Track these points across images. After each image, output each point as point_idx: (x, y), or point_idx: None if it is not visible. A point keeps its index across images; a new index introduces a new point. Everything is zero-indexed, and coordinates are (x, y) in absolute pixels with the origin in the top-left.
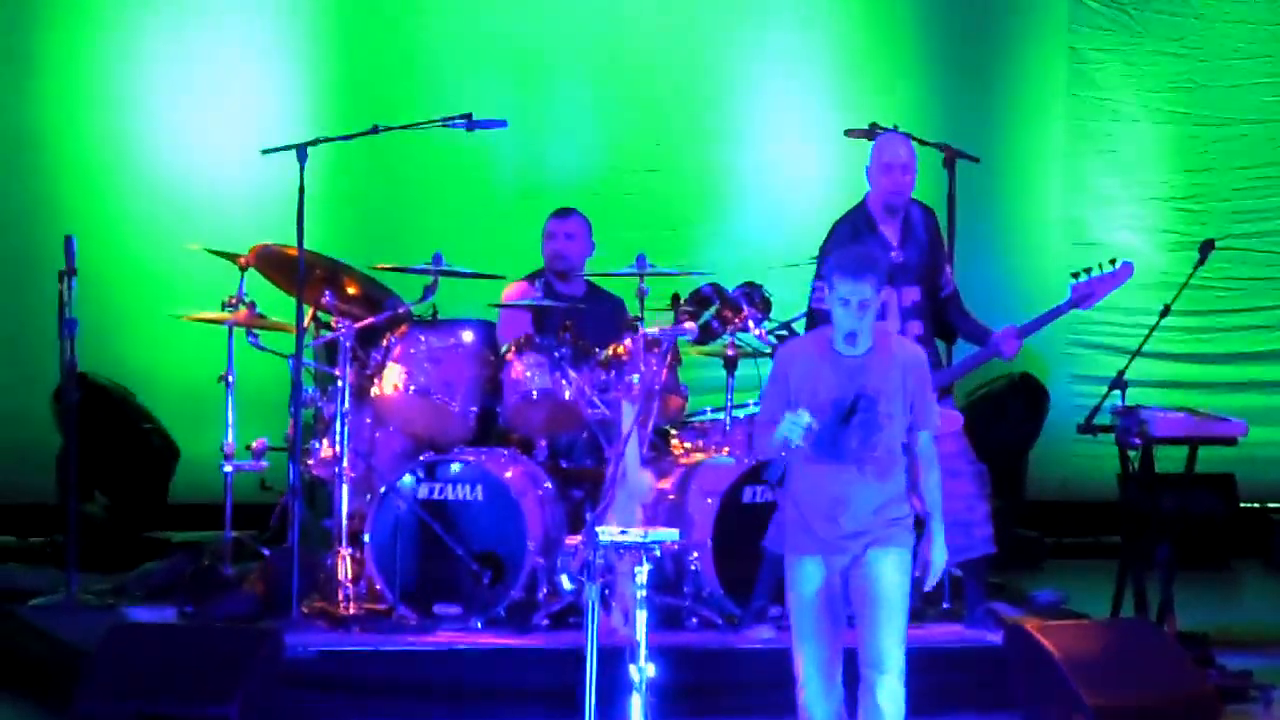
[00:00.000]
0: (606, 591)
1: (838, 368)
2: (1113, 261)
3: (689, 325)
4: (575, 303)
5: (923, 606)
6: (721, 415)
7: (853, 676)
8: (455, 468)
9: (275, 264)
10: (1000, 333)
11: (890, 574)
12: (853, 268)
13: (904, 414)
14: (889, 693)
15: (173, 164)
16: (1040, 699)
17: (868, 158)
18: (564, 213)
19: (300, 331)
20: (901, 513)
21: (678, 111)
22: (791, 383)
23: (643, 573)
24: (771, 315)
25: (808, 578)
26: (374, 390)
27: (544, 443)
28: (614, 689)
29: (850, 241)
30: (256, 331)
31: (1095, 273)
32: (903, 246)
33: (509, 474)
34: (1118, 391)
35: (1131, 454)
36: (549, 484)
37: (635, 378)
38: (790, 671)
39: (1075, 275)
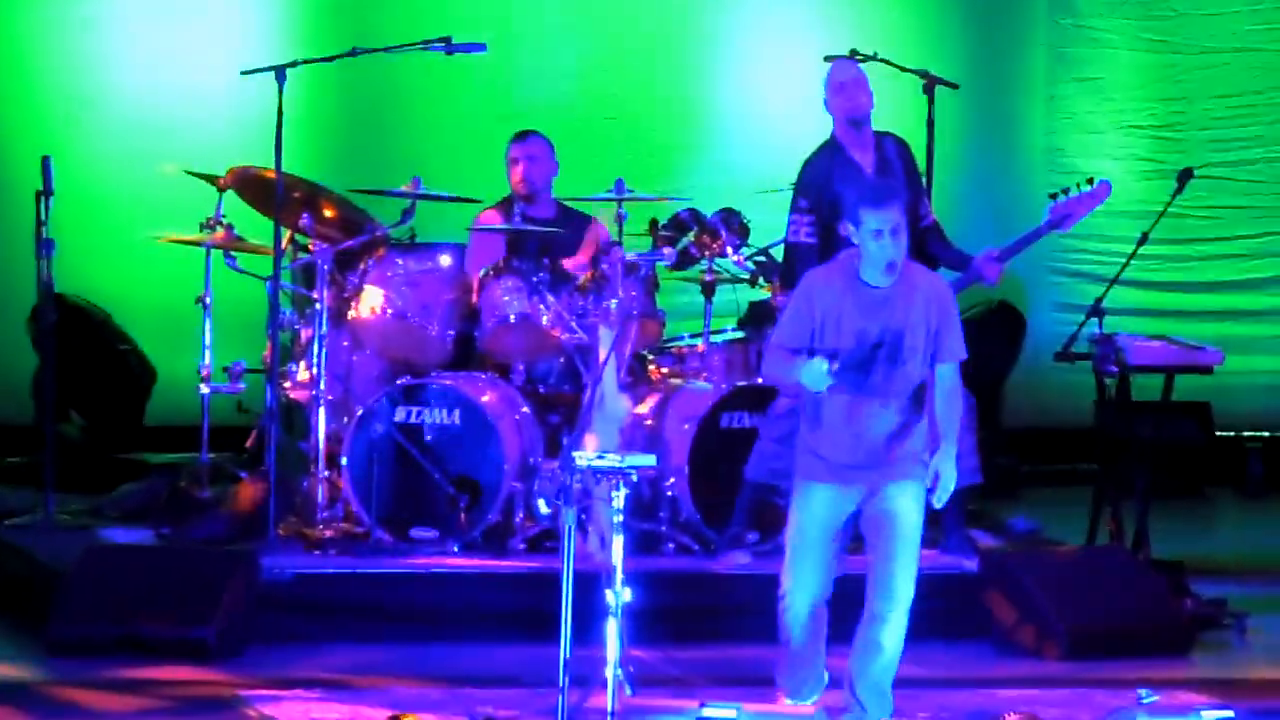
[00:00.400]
0: (583, 516)
1: (863, 299)
2: (1090, 181)
3: (667, 250)
4: (546, 224)
5: None
6: (699, 341)
7: (844, 604)
8: (432, 391)
9: (253, 186)
10: (980, 257)
11: (909, 508)
12: (875, 197)
13: (927, 346)
14: (893, 628)
15: (150, 85)
16: (1015, 625)
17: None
18: (523, 135)
19: (278, 254)
20: (920, 446)
21: (658, 36)
22: (816, 312)
23: (619, 498)
24: (749, 241)
25: (815, 504)
26: (351, 313)
27: (521, 367)
28: (590, 613)
29: (824, 173)
30: (234, 254)
31: (1073, 193)
32: (877, 175)
33: (486, 398)
34: (1095, 319)
35: (1108, 382)
36: (526, 408)
37: (613, 303)
38: (768, 597)
39: (1053, 196)
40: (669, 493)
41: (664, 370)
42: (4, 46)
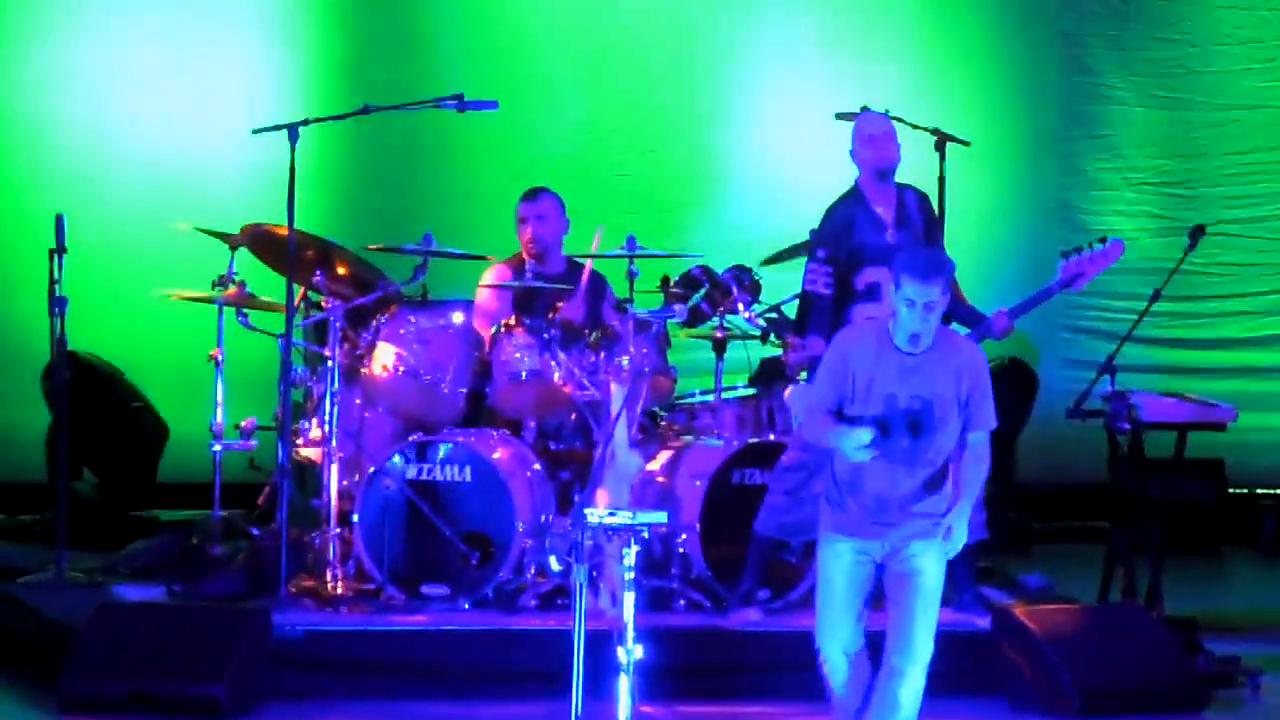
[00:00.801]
0: (594, 573)
1: (896, 365)
2: (1102, 240)
3: (678, 307)
4: (556, 280)
5: None
6: (710, 398)
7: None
8: (444, 448)
9: (265, 244)
10: (992, 316)
11: (930, 567)
12: (921, 269)
13: (958, 416)
14: (912, 686)
15: (163, 143)
16: (1027, 683)
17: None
18: (533, 194)
19: (290, 311)
20: (944, 508)
21: (670, 94)
22: (849, 372)
23: (631, 555)
24: (761, 298)
25: (840, 559)
26: (363, 370)
27: (533, 424)
28: (602, 671)
29: (846, 224)
30: (246, 311)
31: (1085, 251)
32: (897, 227)
33: (498, 455)
34: (1107, 376)
35: (1121, 439)
36: (538, 465)
37: (624, 360)
38: (780, 654)
39: (1065, 254)
40: (680, 549)
41: (675, 427)
42: (17, 104)
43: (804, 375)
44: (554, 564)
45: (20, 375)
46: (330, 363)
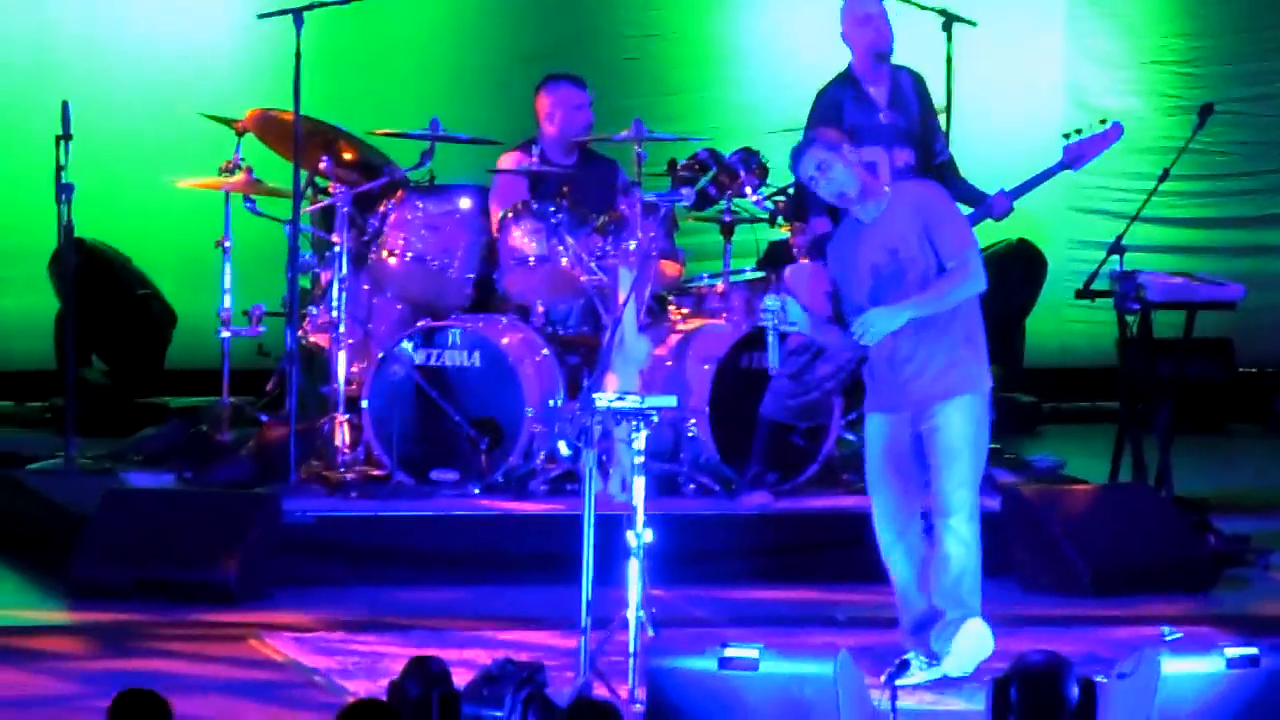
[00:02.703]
0: (604, 458)
1: (863, 237)
2: (1103, 122)
3: (685, 190)
4: (571, 169)
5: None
6: (719, 281)
7: None
8: (453, 334)
9: (272, 129)
10: (993, 197)
11: (954, 420)
12: (792, 162)
13: (926, 253)
14: (955, 536)
15: (168, 29)
16: (1037, 564)
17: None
18: (577, 81)
19: (297, 197)
20: (960, 356)
21: None
22: (837, 270)
23: (640, 439)
24: (768, 181)
25: (874, 432)
26: (371, 256)
27: (541, 309)
28: (612, 555)
29: (837, 106)
30: (253, 197)
31: (1086, 133)
32: (891, 108)
33: (506, 340)
34: (1116, 256)
35: (1130, 319)
36: (546, 350)
37: (632, 243)
38: (789, 537)
39: (1066, 136)
40: (689, 434)
41: (684, 311)
42: None
43: (807, 258)
44: (563, 449)
45: (28, 263)
46: (338, 248)
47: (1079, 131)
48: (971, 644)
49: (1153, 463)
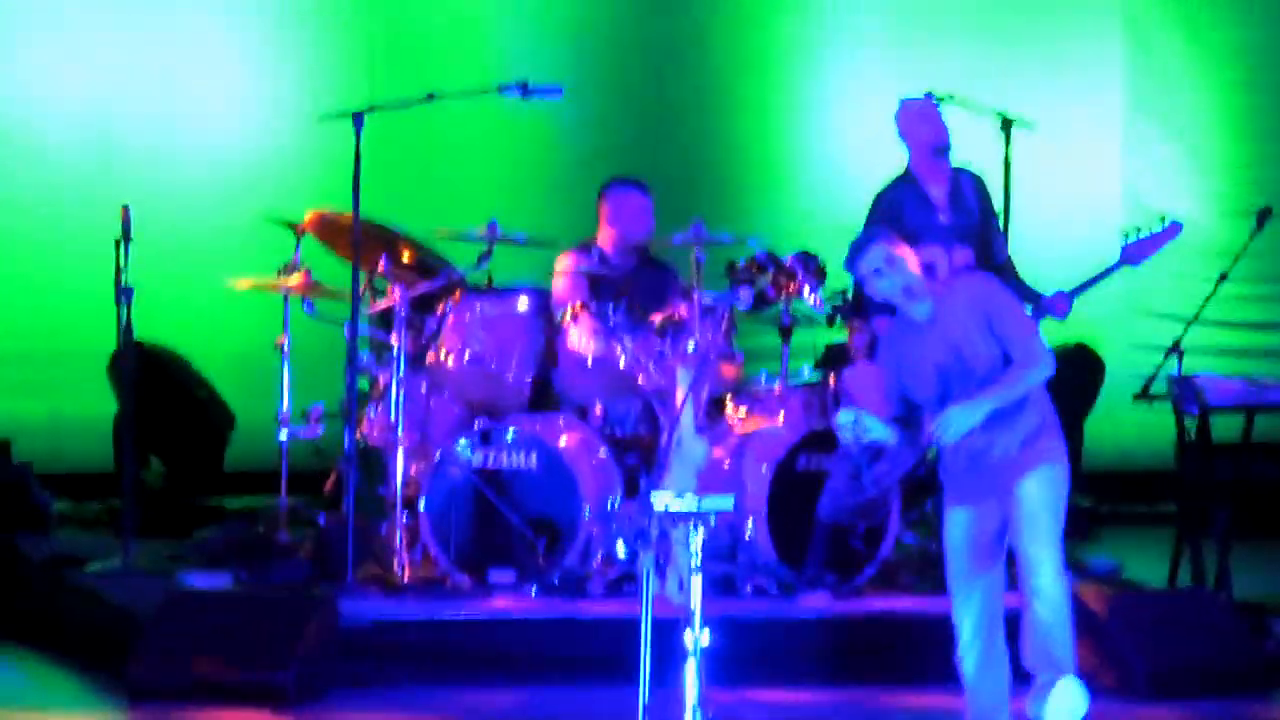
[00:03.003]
0: (661, 559)
1: (921, 337)
2: (1162, 220)
3: (743, 292)
4: (630, 270)
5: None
6: (776, 383)
7: None
8: (510, 435)
9: (331, 231)
10: (1051, 297)
11: (1033, 489)
12: (849, 258)
13: (991, 347)
14: (1041, 594)
15: (228, 132)
16: (1095, 666)
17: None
18: (641, 186)
19: (355, 298)
20: (1036, 436)
21: (735, 79)
22: (894, 370)
23: (697, 540)
24: (826, 282)
25: (955, 526)
26: (429, 357)
27: (599, 410)
28: (669, 657)
29: (896, 205)
30: (312, 299)
31: (1144, 232)
32: (951, 208)
33: (564, 441)
34: (1174, 359)
35: (1188, 422)
36: (603, 451)
37: (690, 345)
38: (845, 640)
39: (1125, 235)
40: (747, 535)
41: (741, 413)
42: (82, 94)
43: (867, 358)
44: (621, 550)
45: (87, 365)
46: (395, 350)
47: (1138, 230)
48: (1066, 703)
49: (1211, 566)
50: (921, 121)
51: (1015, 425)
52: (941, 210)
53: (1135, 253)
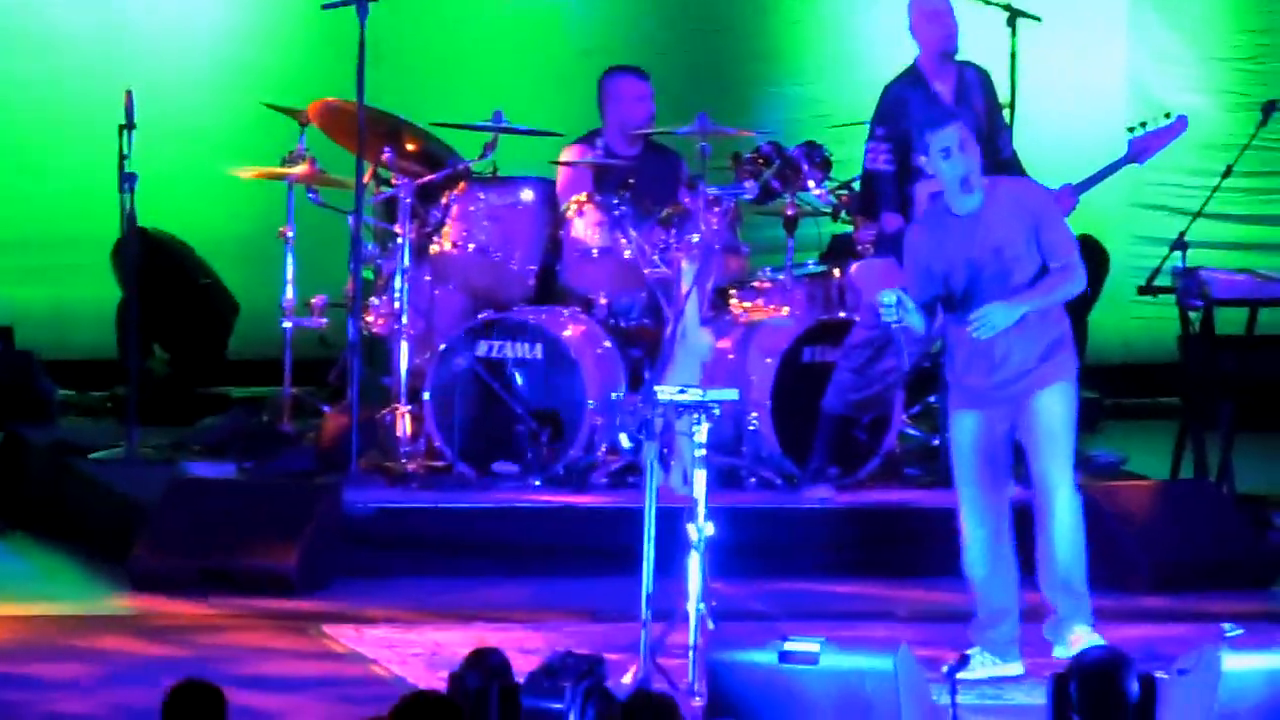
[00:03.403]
0: (665, 450)
1: (959, 230)
2: (1167, 115)
3: (749, 184)
4: (634, 161)
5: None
6: (781, 275)
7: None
8: (514, 325)
9: (335, 120)
10: (1057, 191)
11: (1053, 405)
12: (934, 120)
13: (1032, 254)
14: (1060, 513)
15: (232, 18)
16: (1097, 558)
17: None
18: (639, 73)
19: (360, 188)
20: (1059, 349)
21: None
22: (923, 261)
23: (701, 432)
24: (832, 175)
25: (964, 431)
26: (433, 248)
27: (603, 301)
28: (672, 547)
29: (902, 102)
30: (316, 188)
31: (1150, 127)
32: (957, 104)
33: (568, 332)
34: (1179, 252)
35: (1192, 315)
36: (608, 343)
37: (695, 236)
38: (849, 531)
39: (1131, 130)
40: (751, 427)
41: (746, 304)
42: None
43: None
44: (625, 441)
45: (90, 252)
46: (400, 239)
47: (1143, 125)
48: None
49: (1214, 460)
50: (932, 22)
51: (1038, 335)
52: (948, 106)
53: (1141, 147)
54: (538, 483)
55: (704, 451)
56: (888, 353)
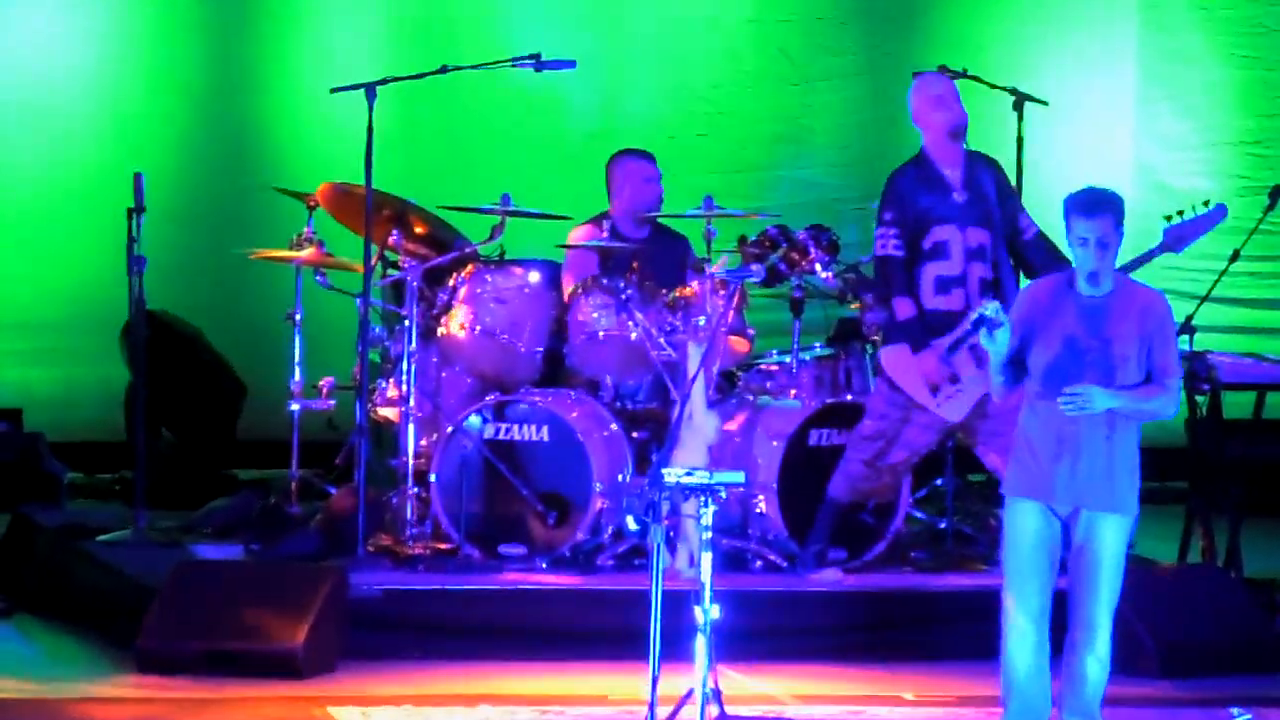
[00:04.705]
0: (671, 533)
1: (1076, 306)
2: (1206, 204)
3: (755, 267)
4: (642, 244)
5: (988, 550)
6: (788, 358)
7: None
8: (521, 408)
9: (343, 203)
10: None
11: (1113, 540)
12: (1086, 206)
13: (1140, 361)
14: (1098, 656)
15: (243, 103)
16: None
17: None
18: (647, 156)
19: (368, 271)
20: (1127, 481)
21: (747, 53)
22: (1028, 317)
23: (708, 515)
24: (838, 258)
25: (1025, 522)
26: (440, 330)
27: (610, 384)
28: (679, 631)
29: (910, 188)
30: (324, 271)
31: (1188, 215)
32: (965, 189)
33: (574, 415)
34: (1186, 336)
35: (1200, 399)
36: (614, 425)
37: (701, 319)
38: (856, 615)
39: (1168, 218)
40: (757, 510)
41: (753, 388)
42: (97, 65)
43: (881, 336)
44: (631, 524)
45: (100, 334)
46: (407, 322)
47: (1180, 213)
48: None
49: (1222, 544)
50: (937, 107)
51: (1117, 447)
52: (956, 190)
53: (1178, 235)
54: (544, 565)
55: (710, 534)
56: (896, 444)
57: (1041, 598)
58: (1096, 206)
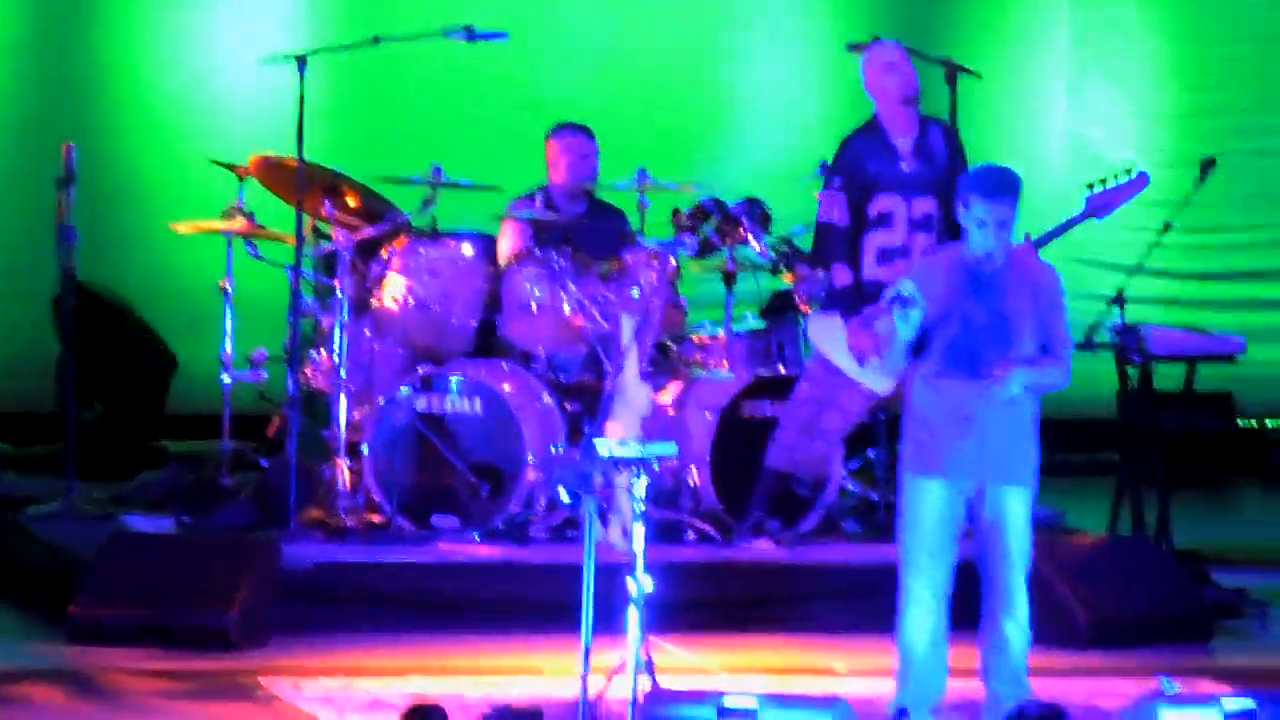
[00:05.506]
0: (604, 505)
1: (968, 282)
2: (1128, 171)
3: (688, 239)
4: (579, 218)
5: None
6: (721, 330)
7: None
8: (454, 380)
9: (275, 174)
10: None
11: (1020, 513)
12: (989, 187)
13: (1033, 334)
14: (1018, 626)
15: (172, 73)
16: (1037, 614)
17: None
18: (584, 129)
19: (299, 242)
20: (1029, 452)
21: (680, 26)
22: (927, 299)
23: (640, 486)
24: (771, 230)
25: (929, 499)
26: (373, 302)
27: (543, 356)
28: (612, 602)
29: (860, 155)
30: (255, 242)
31: (1110, 183)
32: (915, 157)
33: (507, 387)
34: (1117, 308)
35: (1130, 371)
36: (547, 397)
37: (635, 291)
38: (790, 586)
39: (1090, 186)
40: (690, 482)
41: (686, 359)
42: (26, 35)
43: (814, 306)
44: (564, 496)
45: (30, 305)
46: (339, 294)
47: (1103, 181)
48: None
49: (1152, 515)
50: (889, 72)
51: (1021, 420)
52: (904, 159)
53: (1101, 203)
54: (477, 537)
55: (643, 506)
56: (831, 408)
57: (946, 574)
58: (999, 191)
